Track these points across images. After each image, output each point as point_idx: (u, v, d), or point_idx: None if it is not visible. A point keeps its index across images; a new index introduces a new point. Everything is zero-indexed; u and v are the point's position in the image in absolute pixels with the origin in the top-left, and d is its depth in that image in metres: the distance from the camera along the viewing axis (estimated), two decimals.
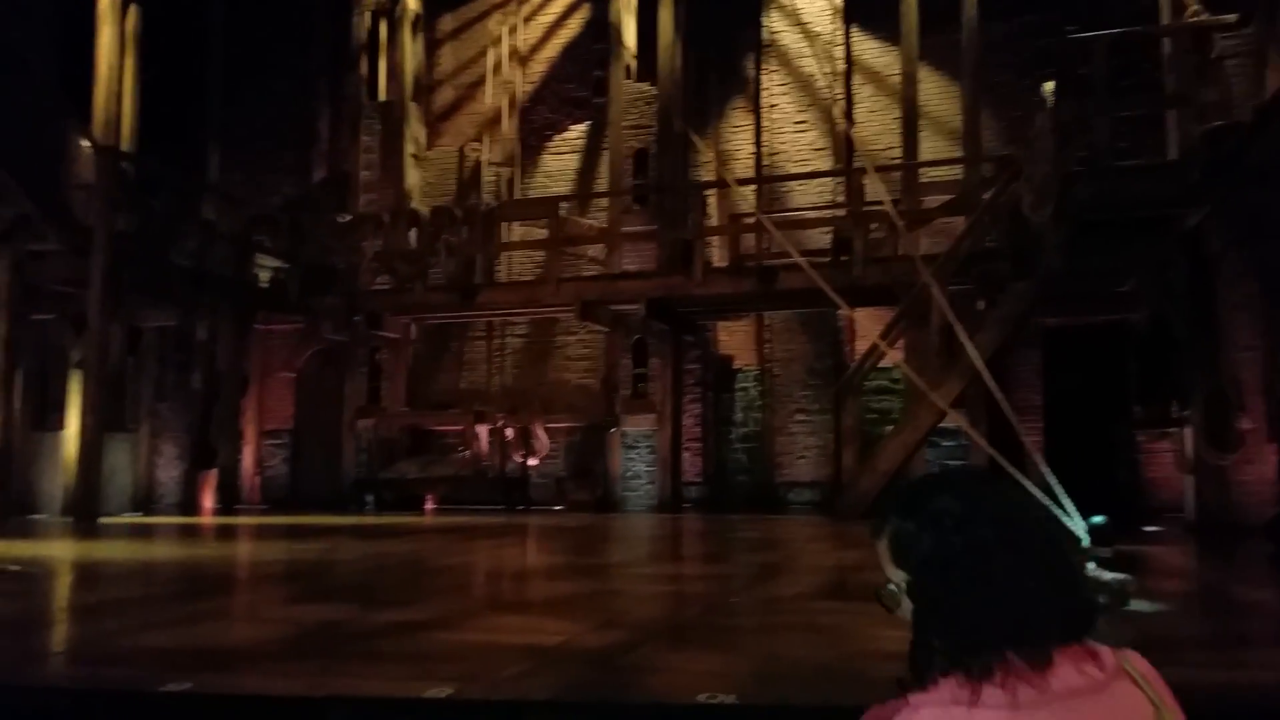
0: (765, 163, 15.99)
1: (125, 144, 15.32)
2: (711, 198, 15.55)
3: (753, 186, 15.46)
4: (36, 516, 13.96)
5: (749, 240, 14.41)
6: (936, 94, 15.09)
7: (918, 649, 1.17)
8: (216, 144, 18.13)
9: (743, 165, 15.95)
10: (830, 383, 14.62)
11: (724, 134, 16.26)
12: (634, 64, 16.12)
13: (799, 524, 12.13)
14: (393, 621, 4.69)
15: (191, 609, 5.50)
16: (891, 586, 1.23)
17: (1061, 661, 1.08)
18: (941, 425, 12.01)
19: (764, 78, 16.17)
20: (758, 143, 16.12)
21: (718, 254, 15.03)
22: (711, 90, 16.31)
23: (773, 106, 16.09)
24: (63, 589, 6.95)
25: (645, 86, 15.96)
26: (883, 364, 13.29)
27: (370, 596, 5.79)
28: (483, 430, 15.20)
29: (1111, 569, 5.56)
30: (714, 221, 15.29)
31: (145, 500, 15.80)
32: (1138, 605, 4.85)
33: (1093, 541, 6.01)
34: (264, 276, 16.29)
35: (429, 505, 14.97)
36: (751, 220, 14.21)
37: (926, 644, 1.15)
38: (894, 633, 1.30)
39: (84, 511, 12.71)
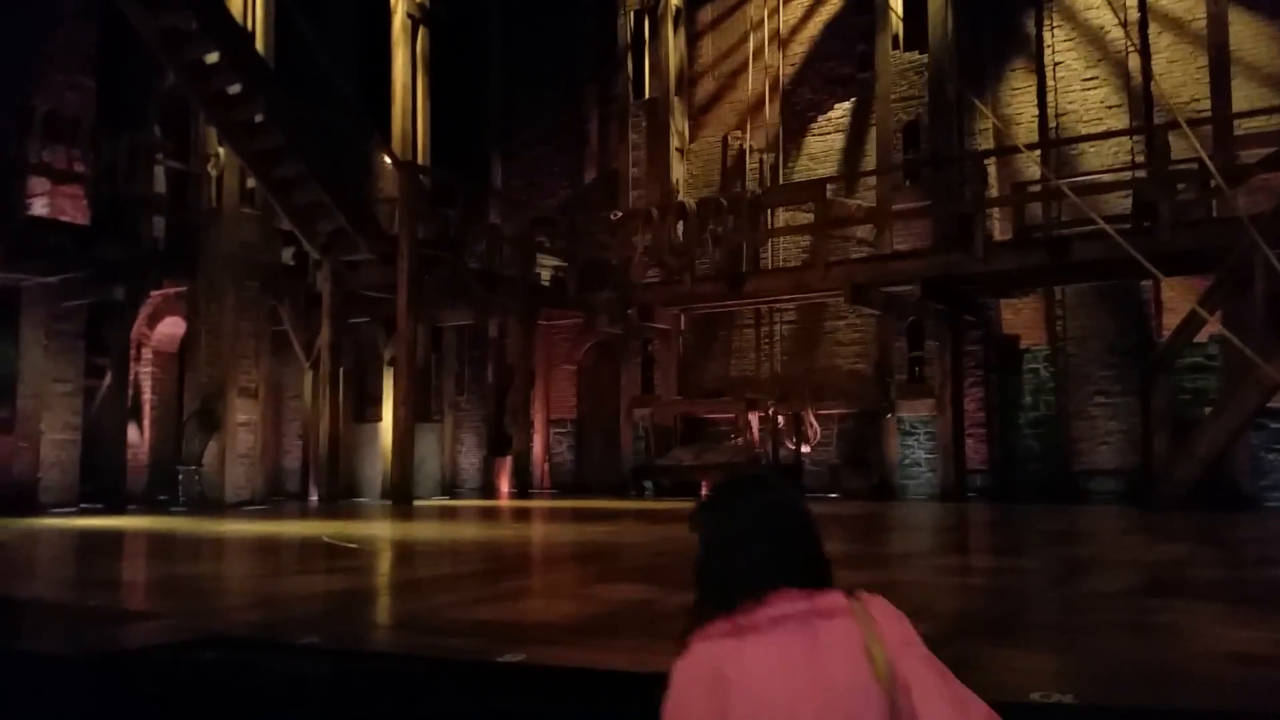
0: (1050, 125, 14.84)
1: (420, 158, 16.73)
2: (990, 167, 14.65)
3: (1038, 152, 14.38)
4: (360, 500, 15.59)
5: (1034, 210, 13.45)
6: (1249, 37, 13.36)
7: (697, 606, 1.50)
8: (497, 153, 19.39)
9: (1025, 130, 14.88)
10: (1134, 361, 13.35)
11: (1003, 98, 15.25)
12: (901, 33, 15.48)
13: (1104, 515, 11.16)
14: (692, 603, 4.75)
15: (509, 585, 5.88)
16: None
17: (780, 601, 1.42)
18: (1270, 405, 10.61)
19: (1046, 34, 15.01)
20: (1042, 104, 14.99)
21: (999, 227, 14.17)
22: (987, 53, 15.34)
23: (1057, 64, 14.91)
24: (394, 565, 7.68)
25: (914, 55, 15.29)
26: (1198, 338, 11.94)
27: (668, 578, 5.91)
28: (754, 417, 15.25)
29: None
30: (994, 192, 14.42)
31: (450, 485, 17.21)
32: None
33: None
34: (545, 275, 17.23)
35: (704, 491, 15.19)
36: (1038, 188, 13.26)
37: (703, 601, 1.49)
38: (1241, 633, 1.12)
39: (400, 495, 14.01)
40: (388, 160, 16.18)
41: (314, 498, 15.03)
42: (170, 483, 14.77)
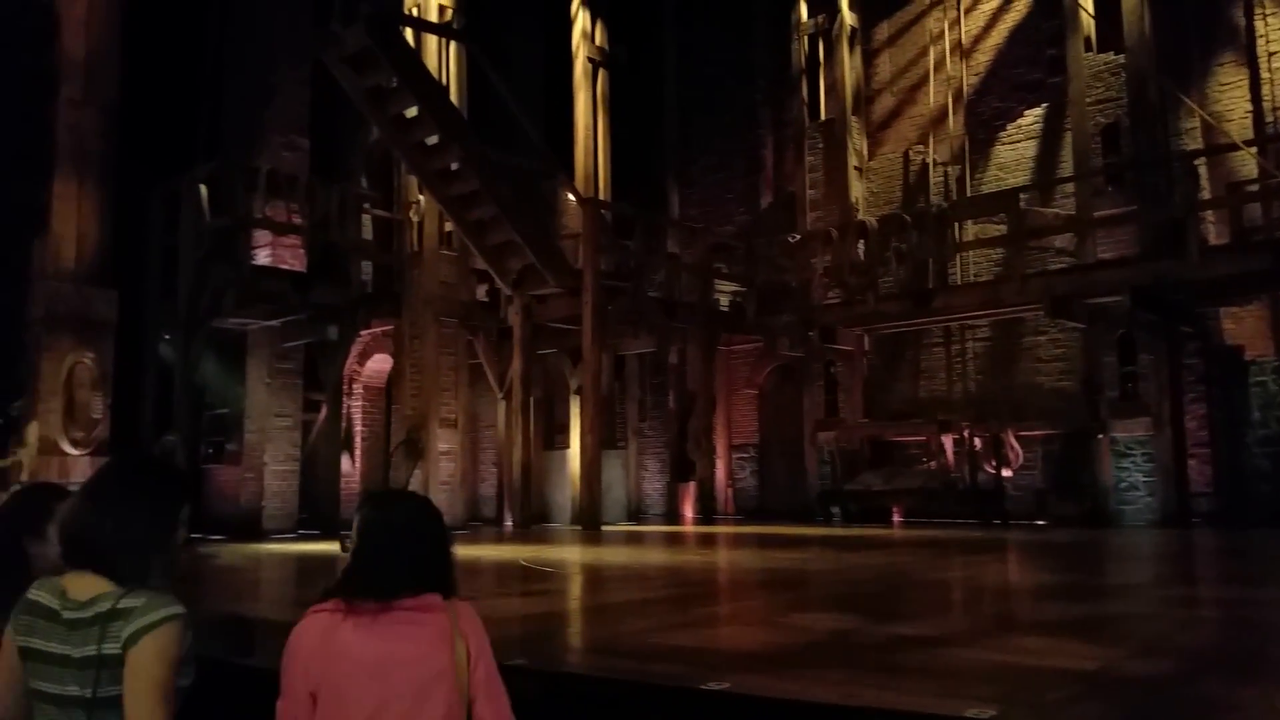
0: (1267, 120, 13.63)
1: (602, 193, 17.20)
2: (1201, 167, 13.58)
3: (1255, 149, 13.20)
4: (551, 525, 16.02)
5: (1253, 211, 12.37)
6: None
7: (336, 587, 1.84)
8: (674, 182, 19.67)
9: (1237, 127, 13.69)
10: None
11: (1211, 94, 14.12)
12: (1094, 33, 14.62)
13: None
14: (903, 635, 4.58)
15: (703, 611, 5.86)
16: (348, 540, 1.91)
17: (397, 596, 1.78)
18: None
19: (1258, 24, 13.89)
20: (1256, 98, 13.79)
21: (1214, 230, 13.09)
22: (1190, 49, 14.27)
23: (1272, 54, 13.71)
24: (589, 589, 7.82)
25: (1109, 56, 14.39)
26: None
27: (869, 608, 5.74)
28: (948, 440, 14.64)
29: None
30: (1207, 194, 13.34)
31: (636, 510, 17.44)
32: None
33: None
34: (724, 300, 17.28)
35: (896, 518, 14.71)
36: (1256, 188, 12.17)
37: (343, 585, 1.82)
38: None
39: (589, 520, 14.32)
40: (571, 197, 16.72)
41: (509, 523, 15.57)
42: None
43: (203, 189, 13.63)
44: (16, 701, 1.77)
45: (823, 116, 17.60)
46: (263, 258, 15.06)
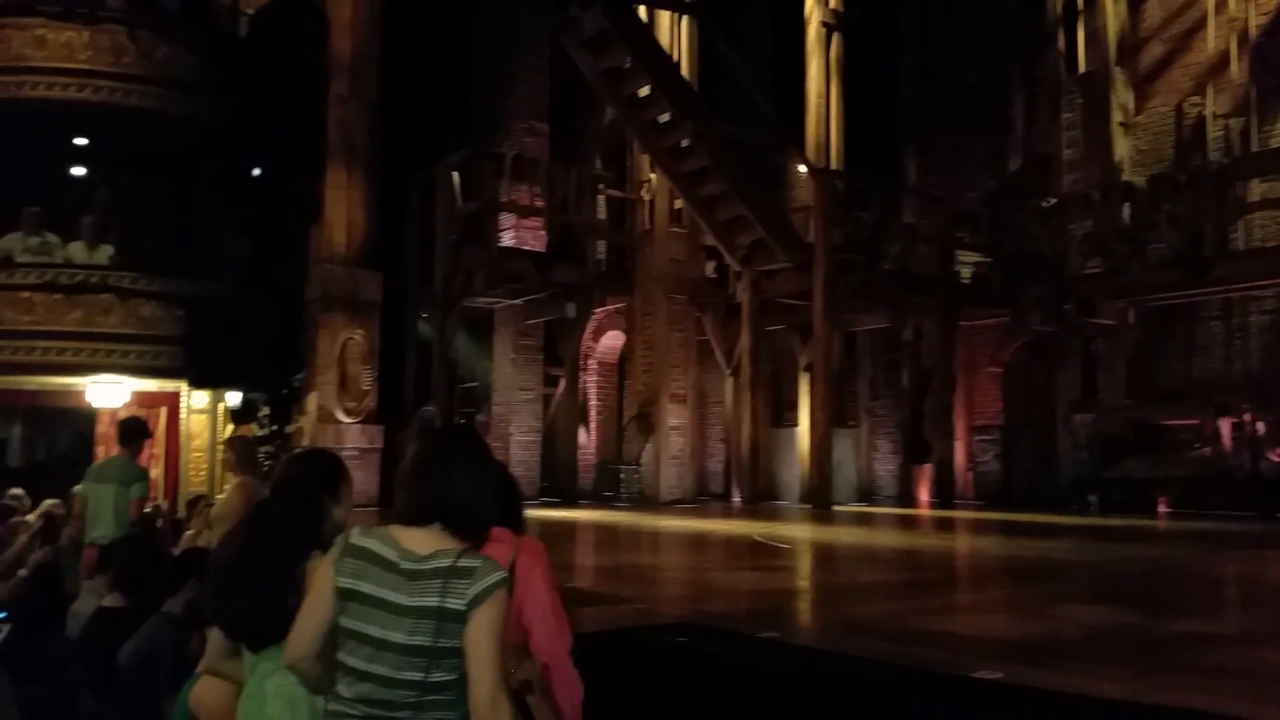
0: None
1: (834, 163, 16.69)
2: None
3: None
4: (779, 502, 15.91)
5: None
6: None
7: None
8: (911, 149, 18.80)
9: None
10: None
11: None
12: None
13: None
14: (1189, 632, 4.15)
15: (959, 598, 5.57)
16: None
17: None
18: None
19: None
20: None
21: None
22: None
23: None
24: (831, 568, 7.66)
25: None
26: None
27: (1146, 602, 5.25)
28: (1225, 424, 13.22)
29: None
30: None
31: (867, 491, 16.97)
32: None
33: None
34: (965, 272, 16.38)
35: (1162, 508, 13.45)
36: None
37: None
38: None
39: (819, 499, 14.08)
40: (802, 169, 16.37)
41: (736, 498, 15.61)
42: (613, 480, 16.16)
43: (455, 176, 14.41)
44: (319, 639, 1.87)
45: (1081, 69, 16.19)
46: (507, 239, 15.79)
